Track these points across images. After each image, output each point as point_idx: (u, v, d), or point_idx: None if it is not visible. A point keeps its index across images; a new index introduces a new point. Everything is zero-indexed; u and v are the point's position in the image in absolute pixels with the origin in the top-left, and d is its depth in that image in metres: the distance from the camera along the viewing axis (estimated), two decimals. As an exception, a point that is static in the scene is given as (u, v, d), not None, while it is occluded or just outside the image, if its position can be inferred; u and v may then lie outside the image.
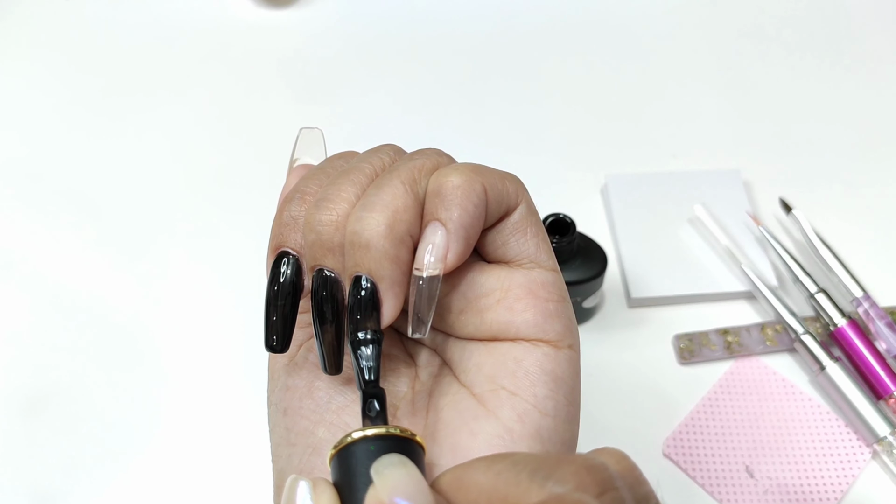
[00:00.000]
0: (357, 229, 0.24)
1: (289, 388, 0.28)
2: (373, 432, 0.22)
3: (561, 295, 0.27)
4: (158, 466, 0.47)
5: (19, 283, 0.54)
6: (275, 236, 0.26)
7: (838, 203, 0.58)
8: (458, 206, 0.25)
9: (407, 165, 0.25)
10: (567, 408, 0.26)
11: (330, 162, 0.28)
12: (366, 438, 0.22)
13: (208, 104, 0.63)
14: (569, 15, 0.69)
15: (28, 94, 0.64)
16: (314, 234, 0.25)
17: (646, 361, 0.51)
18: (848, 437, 0.48)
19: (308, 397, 0.27)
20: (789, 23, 0.69)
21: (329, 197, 0.25)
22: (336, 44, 0.67)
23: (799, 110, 0.63)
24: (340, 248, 0.25)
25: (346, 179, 0.26)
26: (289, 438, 0.27)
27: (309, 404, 0.27)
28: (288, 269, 0.26)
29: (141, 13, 0.69)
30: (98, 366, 0.50)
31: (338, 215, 0.25)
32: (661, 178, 0.57)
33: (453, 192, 0.25)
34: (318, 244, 0.25)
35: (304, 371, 0.28)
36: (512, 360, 0.26)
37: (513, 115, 0.63)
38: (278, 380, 0.28)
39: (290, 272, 0.26)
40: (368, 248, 0.24)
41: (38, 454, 0.47)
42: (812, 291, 0.50)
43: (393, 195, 0.24)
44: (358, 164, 0.26)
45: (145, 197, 0.58)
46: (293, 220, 0.26)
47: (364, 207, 0.24)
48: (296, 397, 0.27)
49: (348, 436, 0.22)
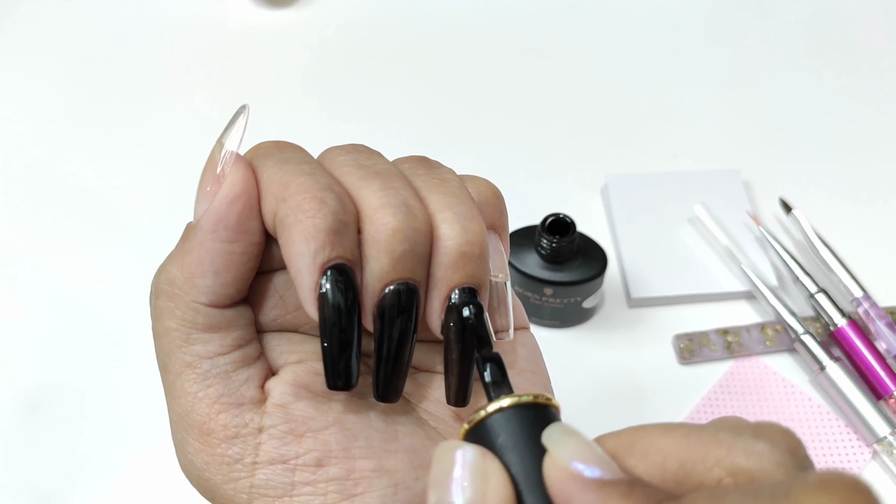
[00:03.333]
0: (472, 240, 0.23)
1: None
2: (507, 402, 0.20)
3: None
4: (158, 466, 0.47)
5: (19, 283, 0.54)
6: (321, 246, 0.22)
7: (838, 203, 0.58)
8: (504, 214, 0.26)
9: (453, 174, 0.26)
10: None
11: (333, 156, 0.25)
12: (501, 410, 0.20)
13: (208, 104, 0.63)
14: (569, 15, 0.69)
15: (28, 95, 0.64)
16: (408, 243, 0.23)
17: (646, 361, 0.51)
18: (848, 437, 0.48)
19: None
20: (789, 23, 0.69)
21: (409, 203, 0.23)
22: (336, 44, 0.67)
23: (799, 110, 0.63)
24: (429, 262, 0.24)
25: (400, 183, 0.24)
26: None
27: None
28: (349, 286, 0.23)
29: (141, 14, 0.69)
30: (98, 366, 0.50)
31: (429, 226, 0.23)
32: (661, 178, 0.57)
33: (499, 201, 0.26)
34: (412, 255, 0.23)
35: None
36: (520, 347, 0.27)
37: (513, 114, 0.63)
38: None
39: (352, 290, 0.23)
40: (482, 260, 0.24)
41: (38, 454, 0.47)
42: (812, 291, 0.50)
43: (472, 205, 0.24)
44: (386, 168, 0.25)
45: (146, 197, 0.58)
46: (344, 225, 0.23)
47: (467, 217, 0.24)
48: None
49: (481, 410, 0.20)
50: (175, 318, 0.24)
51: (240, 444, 0.24)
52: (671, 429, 0.19)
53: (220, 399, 0.24)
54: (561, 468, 0.18)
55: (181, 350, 0.24)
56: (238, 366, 0.24)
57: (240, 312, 0.25)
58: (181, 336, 0.24)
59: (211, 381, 0.24)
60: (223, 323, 0.24)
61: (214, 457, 0.24)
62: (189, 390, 0.24)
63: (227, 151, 0.24)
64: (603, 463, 0.18)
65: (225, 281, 0.24)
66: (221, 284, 0.24)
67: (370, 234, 0.23)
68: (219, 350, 0.24)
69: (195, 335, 0.24)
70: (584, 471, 0.18)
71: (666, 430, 0.19)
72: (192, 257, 0.24)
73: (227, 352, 0.24)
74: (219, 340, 0.24)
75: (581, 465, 0.18)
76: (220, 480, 0.24)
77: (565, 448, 0.19)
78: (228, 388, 0.24)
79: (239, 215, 0.23)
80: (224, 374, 0.24)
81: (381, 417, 0.25)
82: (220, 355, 0.24)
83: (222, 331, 0.24)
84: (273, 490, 0.23)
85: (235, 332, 0.24)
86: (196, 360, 0.24)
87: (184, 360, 0.24)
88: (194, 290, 0.24)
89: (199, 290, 0.24)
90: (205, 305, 0.24)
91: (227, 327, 0.24)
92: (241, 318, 0.25)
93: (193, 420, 0.24)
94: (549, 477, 0.19)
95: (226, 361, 0.24)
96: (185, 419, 0.24)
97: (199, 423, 0.24)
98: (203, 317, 0.24)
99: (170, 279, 0.24)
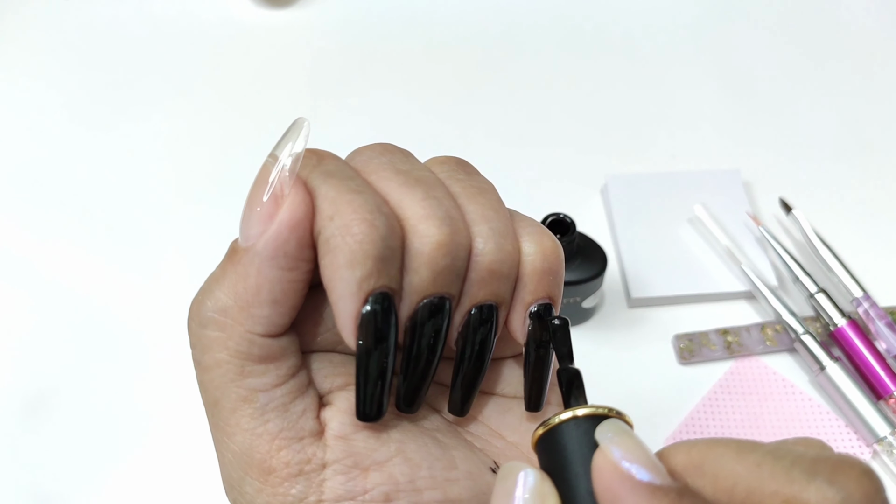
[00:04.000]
0: (503, 258, 0.23)
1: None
2: (583, 412, 0.20)
3: None
4: (158, 466, 0.47)
5: (19, 283, 0.54)
6: (368, 274, 0.21)
7: (838, 203, 0.58)
8: (561, 280, 0.25)
9: (489, 183, 0.25)
10: None
11: (367, 159, 0.24)
12: (576, 418, 0.20)
13: (208, 104, 0.63)
14: (569, 15, 0.69)
15: (27, 95, 0.64)
16: (450, 258, 0.22)
17: (646, 361, 0.51)
18: (848, 437, 0.48)
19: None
20: (790, 23, 0.69)
21: (452, 215, 0.23)
22: (336, 44, 0.67)
23: (799, 110, 0.63)
24: (465, 272, 0.23)
25: (442, 192, 0.23)
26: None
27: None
28: (390, 315, 0.22)
29: (141, 14, 0.69)
30: (98, 366, 0.50)
31: (469, 240, 0.23)
32: (661, 179, 0.57)
33: (561, 265, 0.25)
34: (451, 270, 0.22)
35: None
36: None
37: (513, 114, 0.63)
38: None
39: (394, 319, 0.22)
40: (557, 275, 0.24)
41: (38, 454, 0.47)
42: (812, 291, 0.50)
43: (509, 221, 0.24)
44: (426, 174, 0.24)
45: (146, 197, 0.58)
46: (391, 251, 0.22)
47: (502, 234, 0.24)
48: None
49: (555, 416, 0.21)
50: (228, 350, 0.22)
51: (303, 481, 0.22)
52: (744, 452, 0.19)
53: (281, 434, 0.22)
54: (611, 465, 0.18)
55: (235, 384, 0.22)
56: (294, 396, 0.23)
57: (291, 339, 0.23)
58: (234, 369, 0.22)
59: (269, 415, 0.22)
60: (278, 352, 0.23)
61: (276, 496, 0.22)
62: (246, 427, 0.22)
63: (283, 168, 0.22)
64: (654, 467, 0.18)
65: (283, 311, 0.22)
66: (279, 314, 0.22)
67: (414, 246, 0.22)
68: (275, 381, 0.23)
69: (250, 367, 0.22)
70: (634, 472, 0.18)
71: (739, 453, 0.19)
72: (248, 285, 0.22)
73: (282, 382, 0.23)
74: (275, 371, 0.23)
75: (631, 466, 0.18)
76: None
77: (617, 446, 0.19)
78: (288, 422, 0.22)
79: (299, 242, 0.22)
80: (282, 406, 0.23)
81: (438, 445, 0.24)
82: (277, 387, 0.23)
83: (277, 361, 0.23)
84: None
85: (289, 361, 0.23)
86: (252, 393, 0.22)
87: (239, 394, 0.22)
88: (250, 321, 0.22)
89: (256, 321, 0.22)
90: (260, 336, 0.22)
91: (282, 357, 0.23)
92: (293, 344, 0.23)
93: (253, 458, 0.22)
94: (597, 472, 0.19)
95: (283, 393, 0.23)
96: (243, 458, 0.23)
97: (260, 461, 0.22)
98: (258, 348, 0.22)
99: (221, 308, 0.22)
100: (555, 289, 0.25)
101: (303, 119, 0.24)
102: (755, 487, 0.18)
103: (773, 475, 0.18)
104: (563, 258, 0.25)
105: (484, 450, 0.26)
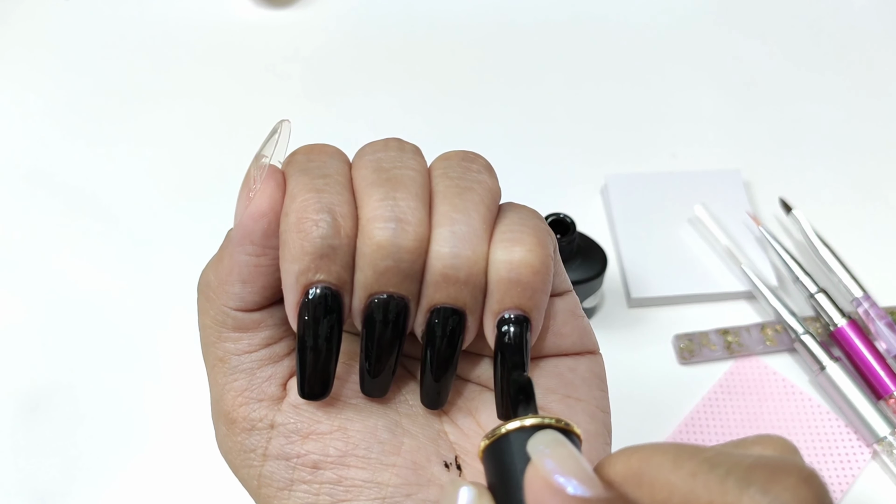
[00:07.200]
0: (458, 265, 0.23)
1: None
2: (530, 422, 0.20)
3: (581, 307, 0.28)
4: (158, 466, 0.47)
5: (19, 283, 0.54)
6: (305, 269, 0.23)
7: (838, 203, 0.58)
8: (538, 293, 0.25)
9: (486, 183, 0.25)
10: (608, 401, 0.28)
11: (362, 154, 0.25)
12: (522, 429, 0.20)
13: (208, 104, 0.63)
14: (569, 14, 0.69)
15: (27, 95, 0.64)
16: (391, 261, 0.23)
17: (646, 361, 0.51)
18: (848, 437, 0.48)
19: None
20: (790, 23, 0.69)
21: (403, 217, 0.23)
22: (336, 44, 0.67)
23: (799, 110, 0.63)
24: (420, 276, 0.24)
25: (408, 192, 0.24)
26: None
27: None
28: (328, 310, 0.24)
29: (140, 13, 0.69)
30: (98, 366, 0.50)
31: (420, 243, 0.23)
32: (661, 178, 0.57)
33: (535, 277, 0.24)
34: (396, 271, 0.23)
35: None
36: (567, 371, 0.27)
37: (513, 114, 0.63)
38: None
39: (333, 313, 0.24)
40: (466, 285, 0.24)
41: (38, 454, 0.47)
42: (812, 291, 0.50)
43: (480, 225, 0.24)
44: (404, 174, 0.24)
45: (145, 197, 0.58)
46: (332, 249, 0.23)
47: (463, 239, 0.24)
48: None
49: (501, 427, 0.20)
50: (209, 317, 0.26)
51: (255, 436, 0.26)
52: (681, 460, 0.18)
53: (243, 393, 0.26)
54: (542, 478, 0.18)
55: (214, 345, 0.26)
56: (264, 363, 0.26)
57: (269, 313, 0.26)
58: (214, 333, 0.26)
59: (238, 375, 0.26)
60: (251, 324, 0.26)
61: (235, 444, 0.26)
62: (219, 381, 0.26)
63: (262, 164, 0.25)
64: (587, 479, 0.18)
65: (252, 290, 0.25)
66: (249, 293, 0.25)
67: (359, 245, 0.24)
68: (247, 348, 0.26)
69: (225, 334, 0.26)
70: (566, 486, 0.18)
71: (675, 461, 0.18)
72: (223, 266, 0.25)
73: (253, 350, 0.26)
74: (247, 339, 0.26)
75: (563, 479, 0.18)
76: (238, 464, 0.26)
77: (550, 458, 0.18)
78: (252, 384, 0.26)
79: (264, 232, 0.24)
80: (249, 370, 0.26)
81: (390, 429, 0.26)
82: (247, 353, 0.26)
83: (251, 331, 0.26)
84: (276, 483, 0.25)
85: (264, 332, 0.26)
86: (226, 355, 0.26)
87: (216, 354, 0.26)
88: (224, 296, 0.25)
89: (229, 296, 0.25)
90: (233, 310, 0.25)
91: (256, 328, 0.26)
92: (271, 318, 0.26)
93: (221, 408, 0.26)
94: (528, 486, 0.18)
95: (252, 359, 0.26)
96: (217, 406, 0.27)
97: (226, 411, 0.26)
98: (232, 319, 0.25)
99: (206, 282, 0.26)
100: (524, 300, 0.24)
101: (284, 120, 0.26)
102: (689, 499, 0.17)
103: (707, 485, 0.17)
104: (540, 268, 0.24)
105: (459, 444, 0.26)
